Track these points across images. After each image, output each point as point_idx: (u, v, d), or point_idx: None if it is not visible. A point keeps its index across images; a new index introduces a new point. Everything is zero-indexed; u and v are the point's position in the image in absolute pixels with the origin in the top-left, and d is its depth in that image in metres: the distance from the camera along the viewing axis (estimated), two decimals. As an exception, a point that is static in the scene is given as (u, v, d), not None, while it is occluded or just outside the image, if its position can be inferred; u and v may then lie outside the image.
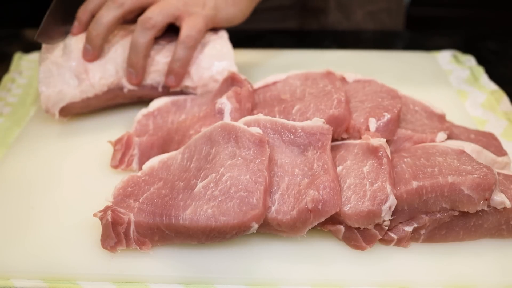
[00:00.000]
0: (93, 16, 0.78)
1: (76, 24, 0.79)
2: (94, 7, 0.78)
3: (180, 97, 0.78)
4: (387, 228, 0.58)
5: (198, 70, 0.78)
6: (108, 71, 0.77)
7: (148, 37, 0.75)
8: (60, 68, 0.76)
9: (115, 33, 0.80)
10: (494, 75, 0.92)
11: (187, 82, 0.79)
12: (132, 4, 0.76)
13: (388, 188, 0.56)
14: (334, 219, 0.58)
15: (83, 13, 0.78)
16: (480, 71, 0.93)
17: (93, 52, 0.76)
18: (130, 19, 0.79)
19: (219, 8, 0.80)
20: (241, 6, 0.83)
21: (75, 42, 0.78)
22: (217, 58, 0.79)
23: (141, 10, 0.78)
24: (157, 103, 0.77)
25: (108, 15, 0.75)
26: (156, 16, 0.75)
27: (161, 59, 0.78)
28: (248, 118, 0.64)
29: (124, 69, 0.77)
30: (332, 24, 1.17)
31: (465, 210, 0.57)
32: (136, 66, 0.76)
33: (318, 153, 0.60)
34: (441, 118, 0.72)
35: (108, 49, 0.78)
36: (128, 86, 0.78)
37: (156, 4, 0.76)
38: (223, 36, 0.82)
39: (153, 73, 0.78)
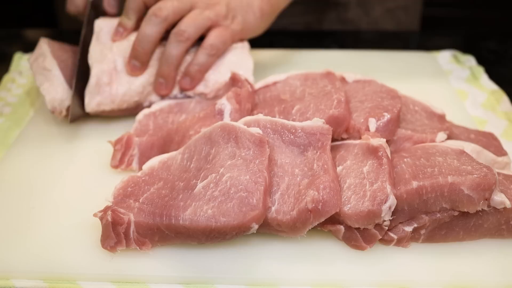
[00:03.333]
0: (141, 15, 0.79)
1: (120, 30, 0.79)
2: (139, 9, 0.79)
3: (185, 100, 0.78)
4: (387, 228, 0.58)
5: (215, 74, 0.79)
6: (135, 87, 0.77)
7: (181, 49, 0.76)
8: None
9: None
10: (494, 75, 0.92)
11: (201, 89, 0.78)
12: (174, 17, 0.76)
13: (388, 188, 0.56)
14: (334, 219, 0.58)
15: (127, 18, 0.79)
16: (480, 71, 0.93)
17: (141, 67, 0.76)
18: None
19: (247, 23, 0.81)
20: (267, 18, 0.84)
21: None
22: (236, 65, 0.79)
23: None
24: (160, 104, 0.77)
25: (152, 30, 0.75)
26: (190, 28, 0.75)
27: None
28: (248, 118, 0.64)
29: (151, 85, 0.78)
30: (351, 20, 1.17)
31: (465, 210, 0.57)
32: (167, 77, 0.77)
33: (318, 153, 0.60)
34: (441, 118, 0.72)
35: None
36: (152, 99, 0.79)
37: (189, 16, 0.76)
38: (245, 45, 0.82)
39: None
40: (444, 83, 0.90)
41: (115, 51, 0.77)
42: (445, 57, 0.98)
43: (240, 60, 0.80)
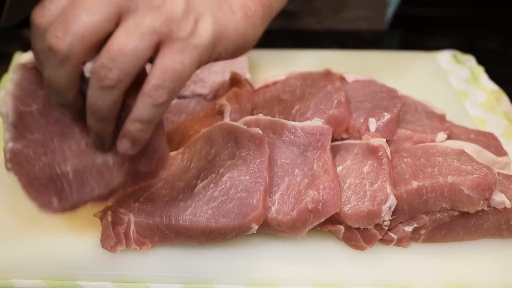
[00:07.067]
0: None
1: None
2: None
3: (185, 100, 0.78)
4: (387, 228, 0.58)
5: (212, 75, 0.77)
6: None
7: (110, 98, 0.44)
8: None
9: None
10: (494, 75, 0.92)
11: (199, 90, 0.78)
12: (87, 43, 0.42)
13: (388, 188, 0.56)
14: (334, 219, 0.58)
15: None
16: (480, 71, 0.93)
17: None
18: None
19: (222, 25, 0.47)
20: (255, 21, 0.51)
21: None
22: (231, 63, 0.77)
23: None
24: None
25: (57, 75, 0.43)
26: (118, 63, 0.42)
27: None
28: (248, 118, 0.64)
29: None
30: (303, 27, 1.16)
31: (465, 210, 0.57)
32: (102, 133, 0.48)
33: (318, 153, 0.60)
34: (441, 118, 0.72)
35: None
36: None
37: (117, 36, 0.42)
38: None
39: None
40: (444, 83, 0.90)
41: None
42: (445, 57, 0.98)
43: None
